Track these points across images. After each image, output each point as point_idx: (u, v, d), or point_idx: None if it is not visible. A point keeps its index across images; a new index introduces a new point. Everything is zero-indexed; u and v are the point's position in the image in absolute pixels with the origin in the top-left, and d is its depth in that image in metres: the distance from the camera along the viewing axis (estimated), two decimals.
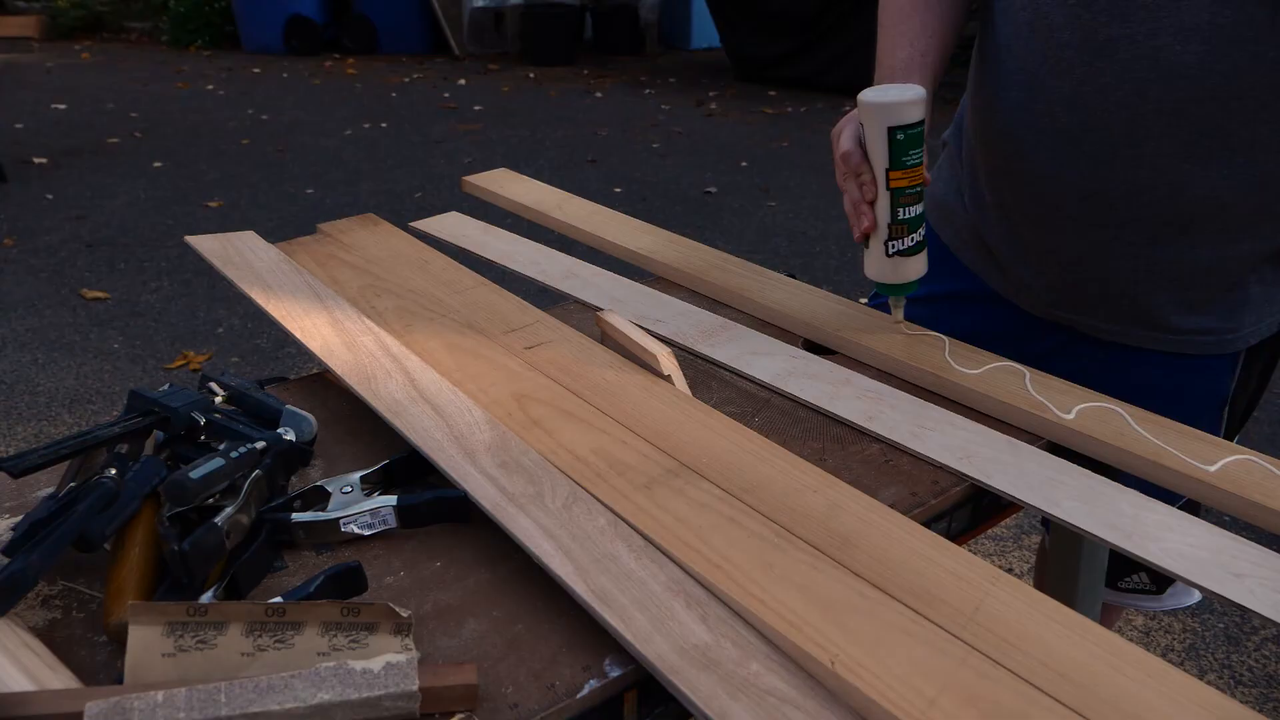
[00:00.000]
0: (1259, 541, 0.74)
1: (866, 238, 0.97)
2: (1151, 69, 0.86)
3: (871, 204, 0.95)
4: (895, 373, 1.01)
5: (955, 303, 1.17)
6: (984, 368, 0.97)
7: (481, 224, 1.36)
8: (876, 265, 0.98)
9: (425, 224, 1.37)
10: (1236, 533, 0.75)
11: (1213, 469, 0.82)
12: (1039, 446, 0.88)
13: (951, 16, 1.03)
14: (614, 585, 0.67)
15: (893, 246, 0.96)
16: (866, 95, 0.90)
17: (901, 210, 0.94)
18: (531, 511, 0.74)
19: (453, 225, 1.37)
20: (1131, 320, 1.03)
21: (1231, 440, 0.91)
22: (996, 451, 0.86)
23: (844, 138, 0.94)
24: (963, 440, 0.88)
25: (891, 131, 0.90)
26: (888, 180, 0.93)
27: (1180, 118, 0.87)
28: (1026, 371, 0.96)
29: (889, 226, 0.95)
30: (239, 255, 1.18)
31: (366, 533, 0.75)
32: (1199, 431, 0.87)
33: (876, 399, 0.94)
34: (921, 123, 0.91)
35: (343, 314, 1.03)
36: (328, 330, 0.99)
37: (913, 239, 0.96)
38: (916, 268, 0.98)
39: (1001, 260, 1.11)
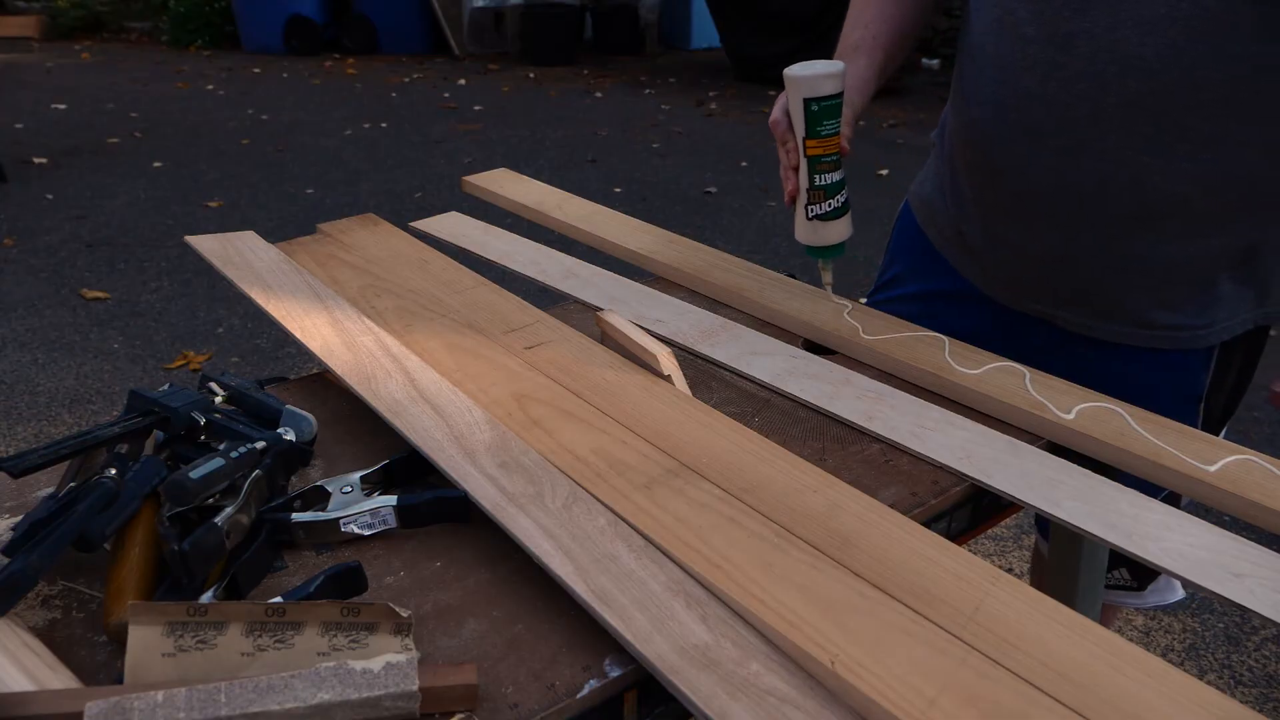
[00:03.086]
0: (1259, 541, 0.74)
1: (794, 201, 1.05)
2: (1111, 62, 0.87)
3: (796, 170, 1.02)
4: (895, 373, 1.00)
5: (942, 301, 1.18)
6: (984, 368, 0.97)
7: (481, 224, 1.36)
8: (800, 228, 1.06)
9: (425, 224, 1.37)
10: (1237, 533, 0.75)
11: (1213, 469, 0.82)
12: (1039, 446, 0.88)
13: (912, 7, 1.11)
14: (614, 585, 0.67)
15: (811, 210, 1.03)
16: (789, 70, 0.97)
17: (818, 177, 1.01)
18: (531, 511, 0.74)
19: (453, 225, 1.37)
20: (1107, 316, 1.04)
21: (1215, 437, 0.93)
22: (996, 451, 0.86)
23: (775, 109, 1.02)
24: (962, 440, 0.88)
25: (807, 103, 0.97)
26: (805, 148, 1.00)
27: (1141, 111, 0.87)
28: (1026, 371, 0.97)
29: (808, 191, 1.02)
30: (239, 255, 1.18)
31: (366, 533, 0.75)
32: (1199, 431, 0.87)
33: (876, 399, 0.94)
34: (837, 95, 0.97)
35: (343, 314, 1.03)
36: (328, 330, 0.99)
37: (830, 204, 1.02)
38: (838, 232, 1.04)
39: (981, 257, 1.12)
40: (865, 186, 4.61)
